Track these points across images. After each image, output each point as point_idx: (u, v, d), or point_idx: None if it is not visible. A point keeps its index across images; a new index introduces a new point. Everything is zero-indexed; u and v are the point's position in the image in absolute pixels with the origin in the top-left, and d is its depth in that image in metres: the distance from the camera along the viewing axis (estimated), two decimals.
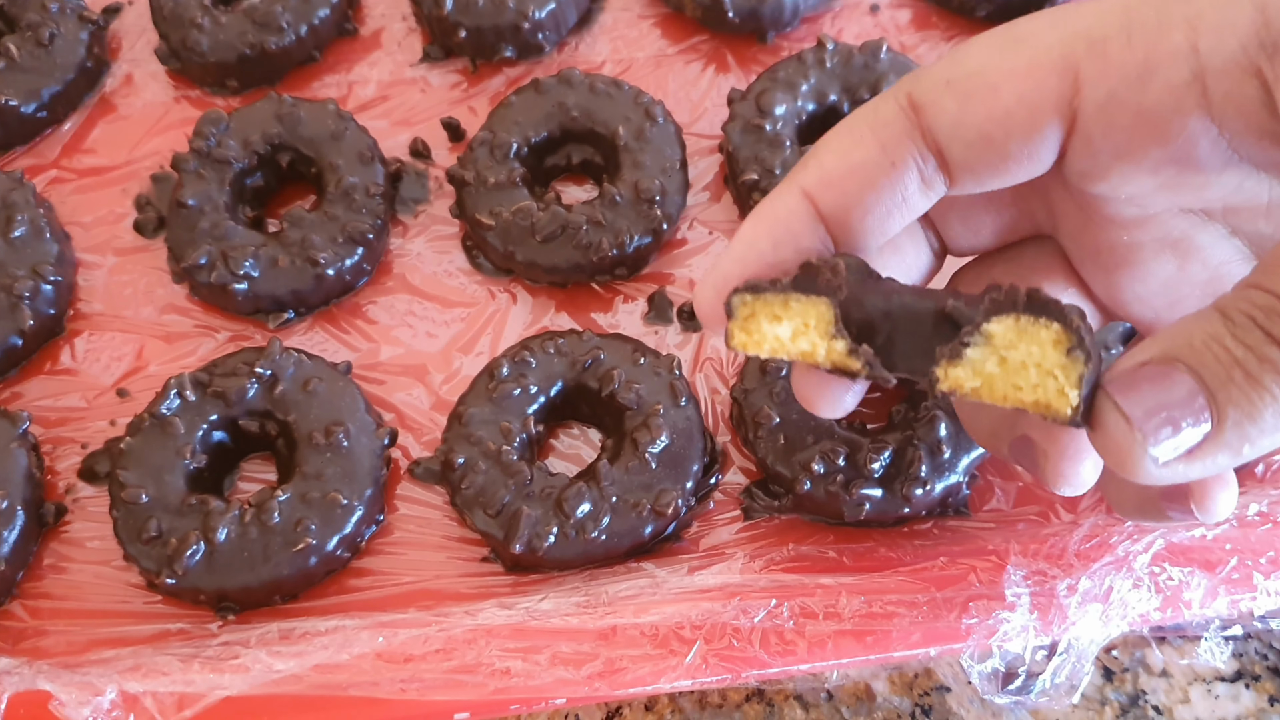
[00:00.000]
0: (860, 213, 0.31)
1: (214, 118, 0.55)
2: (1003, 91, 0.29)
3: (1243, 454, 0.26)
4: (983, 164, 0.30)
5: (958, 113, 0.30)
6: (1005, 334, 0.28)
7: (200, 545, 0.45)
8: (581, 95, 0.56)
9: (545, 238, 0.52)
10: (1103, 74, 0.28)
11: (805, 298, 0.30)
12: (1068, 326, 0.27)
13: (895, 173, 0.31)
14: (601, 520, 0.46)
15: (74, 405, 0.52)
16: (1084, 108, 0.29)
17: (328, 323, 0.54)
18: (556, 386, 0.49)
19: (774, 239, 0.31)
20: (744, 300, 0.30)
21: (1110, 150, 0.29)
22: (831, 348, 0.30)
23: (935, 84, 0.30)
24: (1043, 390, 0.27)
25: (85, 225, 0.56)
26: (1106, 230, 0.33)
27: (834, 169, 0.31)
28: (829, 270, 0.29)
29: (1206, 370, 0.26)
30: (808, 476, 0.46)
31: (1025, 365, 0.27)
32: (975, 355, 0.28)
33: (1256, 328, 0.25)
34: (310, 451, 0.47)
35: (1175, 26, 0.27)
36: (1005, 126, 0.29)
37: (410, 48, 0.61)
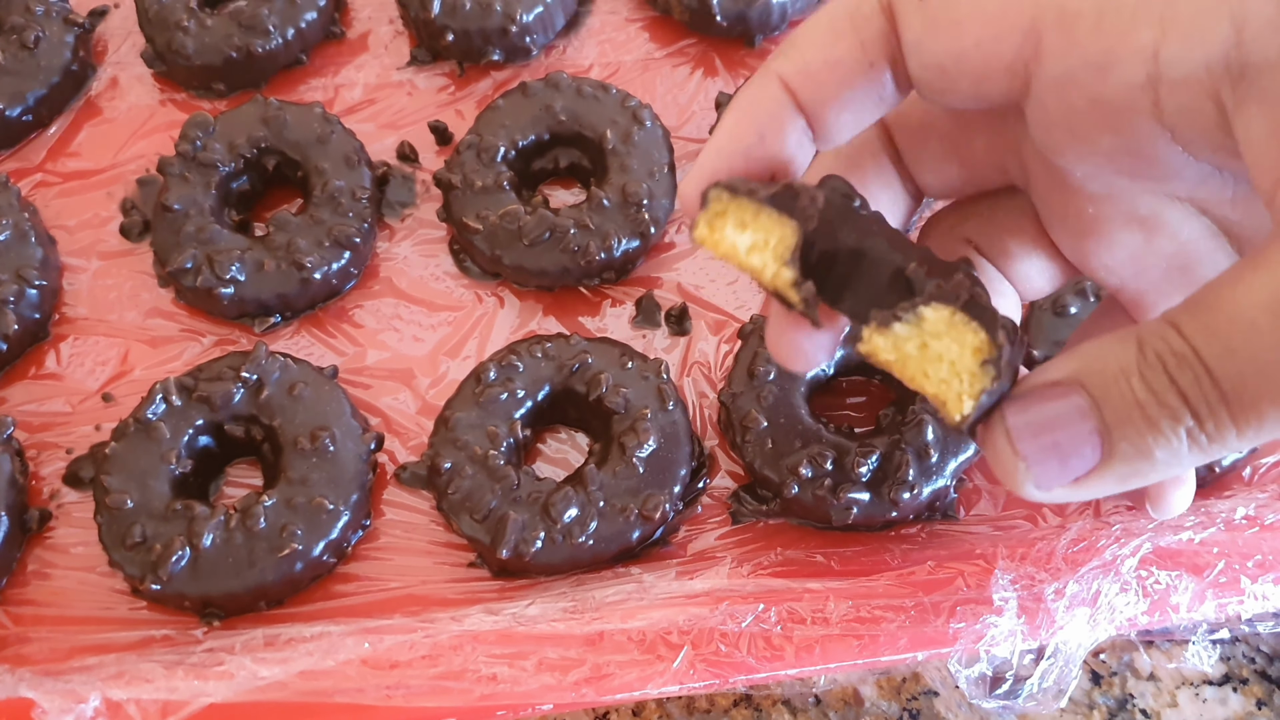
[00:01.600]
0: (837, 108, 0.31)
1: (200, 121, 0.55)
2: (965, 30, 0.29)
3: (1128, 485, 0.27)
4: (934, 88, 0.30)
5: (920, 34, 0.29)
6: (937, 323, 0.28)
7: (185, 551, 0.45)
8: (569, 99, 0.56)
9: (532, 241, 0.52)
10: (1064, 51, 0.28)
11: (776, 215, 0.29)
12: (993, 340, 0.27)
13: (873, 73, 0.30)
14: (589, 525, 0.46)
15: (58, 410, 0.52)
16: (1040, 78, 0.29)
17: (314, 327, 0.54)
18: (544, 391, 0.49)
19: (757, 127, 0.31)
20: (719, 196, 0.30)
21: (1064, 127, 0.29)
22: (780, 272, 0.29)
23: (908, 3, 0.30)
24: (946, 388, 0.28)
25: (70, 229, 0.56)
26: (1074, 198, 0.33)
27: (814, 61, 0.31)
28: (808, 198, 0.29)
29: (1108, 404, 0.26)
30: (795, 480, 0.46)
31: (942, 358, 0.28)
32: (902, 331, 0.28)
33: (1164, 372, 0.26)
34: (296, 456, 0.47)
35: (1146, 23, 0.26)
36: (959, 63, 0.29)
37: (397, 51, 0.61)
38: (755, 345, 0.50)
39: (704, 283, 0.54)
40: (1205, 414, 0.25)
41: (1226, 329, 0.25)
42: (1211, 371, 0.25)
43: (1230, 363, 0.25)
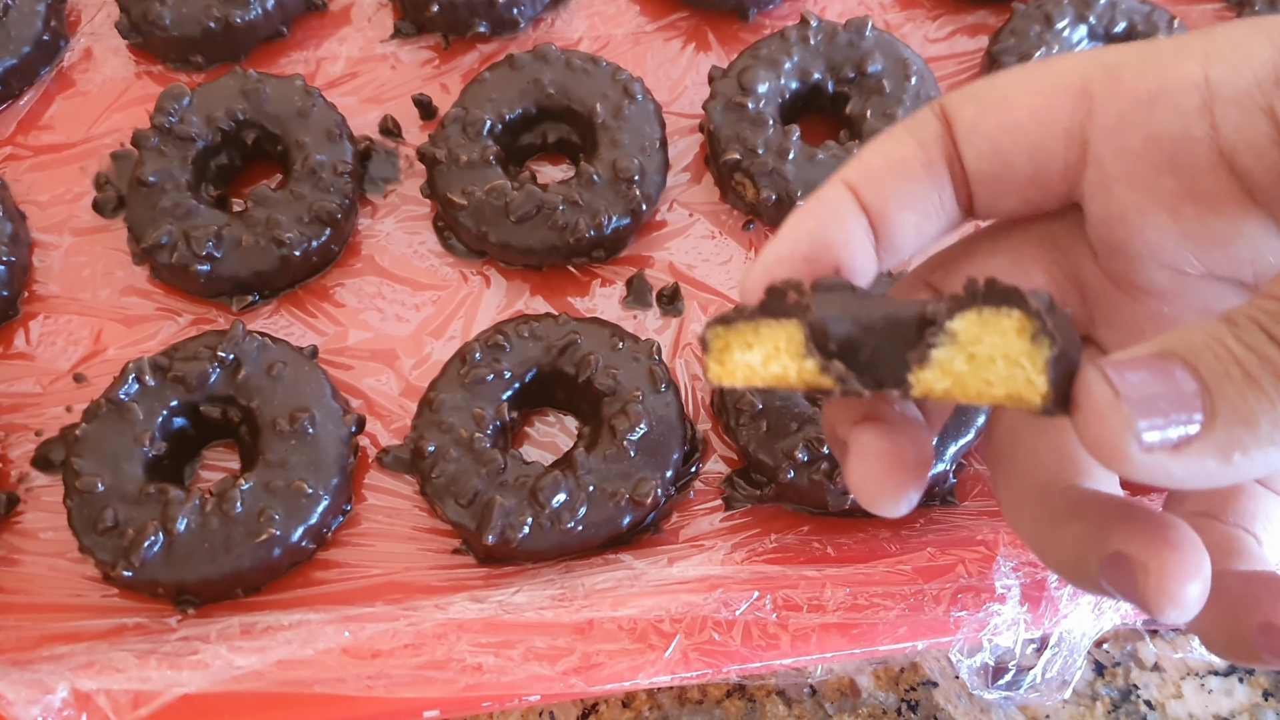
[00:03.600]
0: (898, 208, 0.31)
1: (176, 93, 0.53)
2: (1016, 104, 0.30)
3: (1232, 460, 0.24)
4: (992, 175, 0.31)
5: (974, 119, 0.30)
6: (969, 329, 0.27)
7: (159, 536, 0.43)
8: (558, 72, 0.54)
9: (520, 218, 0.51)
10: (1114, 96, 0.29)
11: (774, 321, 0.29)
12: (1027, 311, 0.26)
13: (932, 170, 0.31)
14: (578, 510, 0.44)
15: (28, 391, 0.50)
16: (1095, 131, 0.29)
17: (293, 306, 0.52)
18: (531, 372, 0.48)
19: (819, 222, 0.31)
20: (717, 333, 0.29)
21: (1124, 180, 0.29)
22: (802, 367, 0.29)
23: (963, 94, 0.31)
24: (1012, 381, 0.26)
25: (41, 204, 0.54)
26: (1144, 303, 0.32)
27: (875, 163, 0.32)
28: (795, 291, 0.28)
29: (1204, 365, 0.24)
30: (791, 465, 0.45)
31: (992, 358, 0.26)
32: (942, 355, 0.27)
33: (1260, 330, 0.24)
34: (274, 439, 0.46)
35: (1190, 56, 0.28)
36: (1015, 137, 0.30)
37: (381, 23, 0.59)
38: None
39: (696, 262, 0.53)
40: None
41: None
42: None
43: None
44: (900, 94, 0.53)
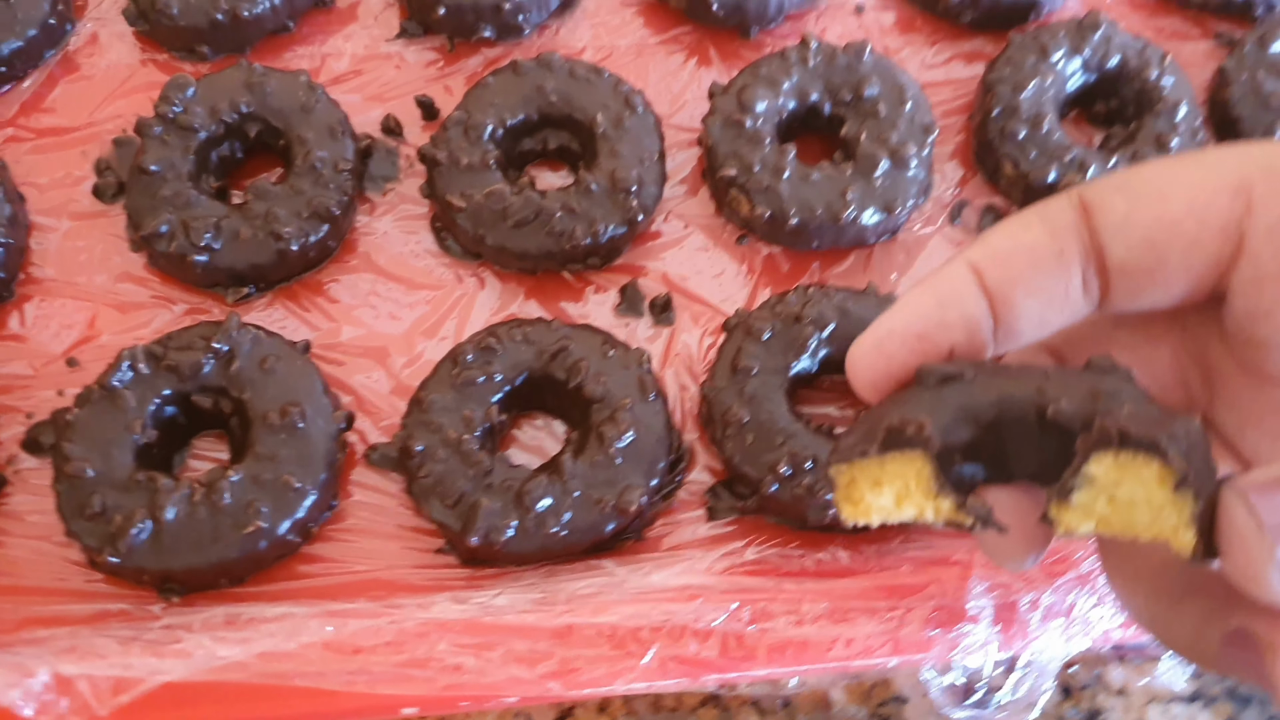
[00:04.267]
0: (1023, 293, 0.31)
1: (181, 82, 0.53)
2: (1173, 199, 0.30)
3: None
4: (1141, 269, 0.30)
5: (1126, 212, 0.30)
6: (1107, 473, 0.27)
7: (146, 524, 0.44)
8: (561, 80, 0.55)
9: (517, 223, 0.51)
10: (1277, 196, 0.29)
11: (898, 456, 0.28)
12: (1168, 464, 0.26)
13: (1061, 260, 0.31)
14: (563, 515, 0.45)
15: (20, 373, 0.50)
16: (1254, 231, 0.29)
17: (288, 299, 0.52)
18: (522, 376, 0.48)
19: (939, 299, 0.31)
20: (838, 470, 0.29)
21: (1276, 278, 0.29)
22: (939, 507, 0.29)
23: (1108, 186, 0.31)
24: (1160, 526, 0.26)
25: (41, 187, 0.55)
26: (1270, 392, 0.32)
27: (1002, 246, 0.31)
28: (914, 426, 0.28)
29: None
30: (774, 478, 0.46)
31: (1134, 502, 0.27)
32: (1083, 499, 0.27)
33: None
34: (264, 431, 0.46)
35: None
36: (1171, 233, 0.30)
37: (387, 22, 0.60)
38: (739, 339, 0.49)
39: (690, 273, 0.54)
40: None
41: None
42: None
43: None
44: (895, 118, 0.53)
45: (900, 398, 0.31)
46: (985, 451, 0.29)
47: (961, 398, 0.29)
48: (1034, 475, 0.29)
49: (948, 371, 0.30)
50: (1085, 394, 0.28)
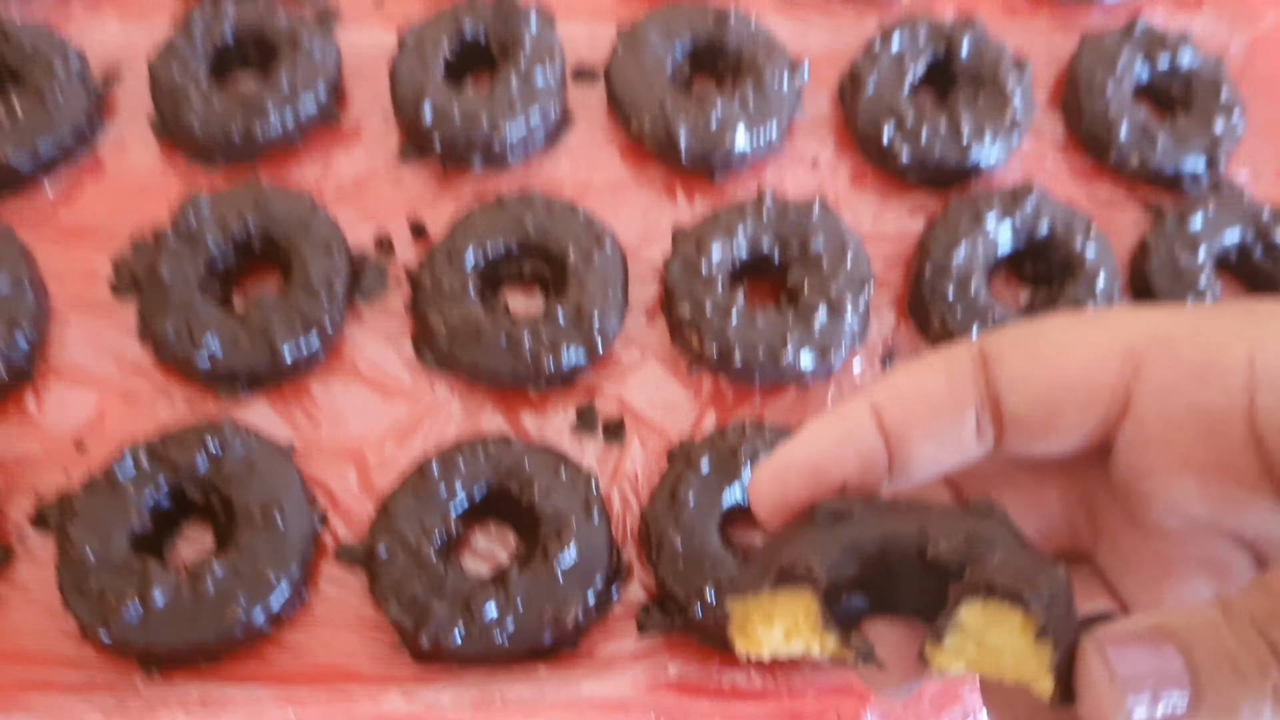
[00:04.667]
0: (919, 436, 0.32)
1: (196, 199, 0.59)
2: (1070, 358, 0.31)
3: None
4: (1034, 422, 0.32)
5: (1022, 368, 0.32)
6: (976, 620, 0.29)
7: (136, 605, 0.49)
8: (540, 215, 0.60)
9: (489, 345, 0.57)
10: (1165, 366, 0.30)
11: (789, 593, 0.30)
12: (1030, 615, 0.28)
13: (957, 407, 0.32)
14: (506, 624, 0.50)
15: (32, 453, 0.56)
16: (1141, 394, 0.31)
17: (277, 399, 0.58)
18: (480, 489, 0.54)
19: (837, 436, 0.32)
20: (733, 605, 0.31)
21: (1160, 442, 0.31)
22: (825, 642, 0.30)
23: (1007, 339, 0.33)
24: (1023, 669, 0.28)
25: (63, 279, 0.60)
26: (1150, 541, 0.34)
27: (903, 390, 0.33)
28: (803, 565, 0.30)
29: (1197, 650, 0.26)
30: (699, 602, 0.51)
31: (1000, 648, 0.29)
32: (954, 641, 0.29)
33: (1251, 625, 0.26)
34: (247, 527, 0.52)
35: (1240, 341, 0.30)
36: (1064, 391, 0.31)
37: (388, 144, 0.66)
38: (680, 468, 0.54)
39: (643, 398, 0.59)
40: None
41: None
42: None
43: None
44: (836, 271, 0.59)
45: (794, 532, 0.32)
46: (871, 585, 0.31)
47: (849, 535, 0.31)
48: (914, 610, 0.31)
49: (838, 509, 0.32)
50: (962, 537, 0.30)
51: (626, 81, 0.65)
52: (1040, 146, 0.69)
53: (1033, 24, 0.74)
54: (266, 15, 0.66)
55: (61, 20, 0.68)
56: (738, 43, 0.67)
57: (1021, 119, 0.66)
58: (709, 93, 0.65)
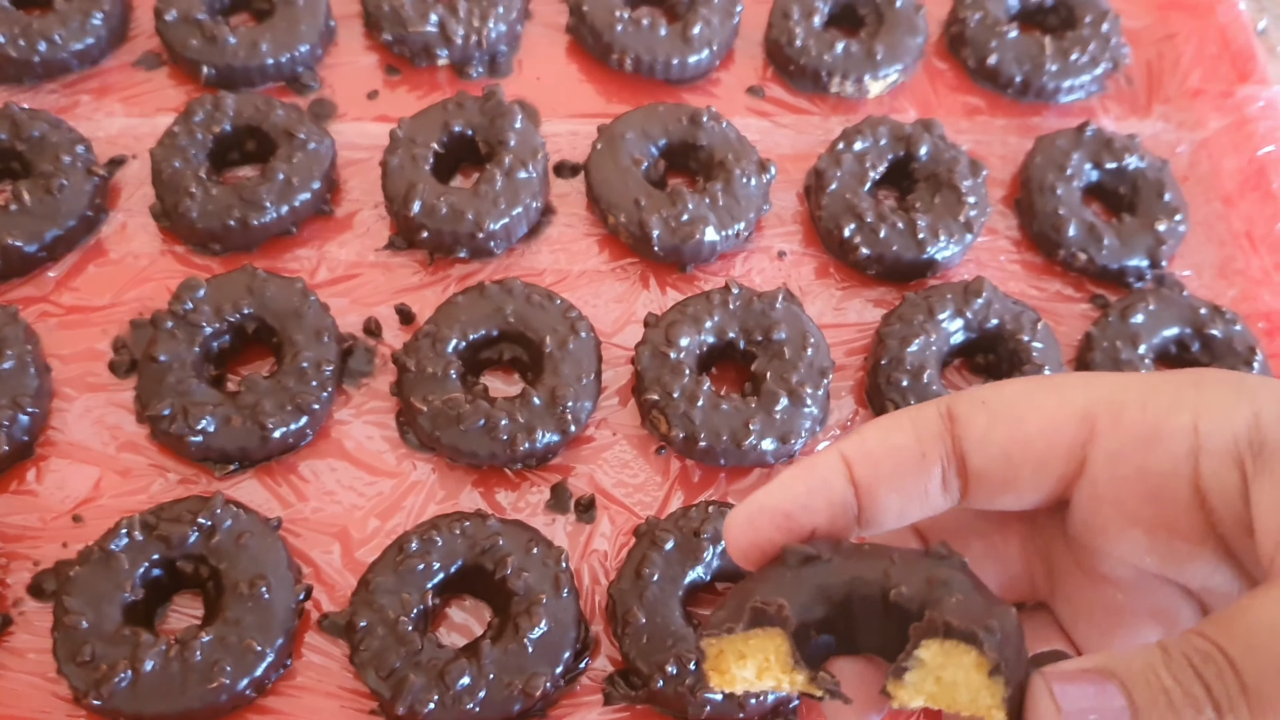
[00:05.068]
0: (887, 489, 0.34)
1: (192, 284, 0.62)
2: (1028, 422, 0.34)
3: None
4: (997, 479, 0.34)
5: (986, 429, 0.34)
6: (934, 658, 0.31)
7: (128, 673, 0.52)
8: (519, 303, 0.64)
9: (468, 427, 0.60)
10: (1116, 431, 0.33)
11: (760, 633, 0.32)
12: (983, 653, 0.30)
13: (924, 463, 0.34)
14: (478, 694, 0.53)
15: (31, 524, 0.59)
16: (1094, 456, 0.33)
17: (267, 476, 0.61)
18: (456, 564, 0.57)
19: (808, 486, 0.34)
20: (708, 644, 0.33)
21: (1112, 501, 0.33)
22: (794, 679, 0.32)
23: (973, 402, 0.35)
24: (978, 704, 0.30)
25: (64, 359, 0.64)
26: (1102, 589, 0.36)
27: (873, 444, 0.34)
28: (774, 607, 0.32)
29: (1136, 689, 0.28)
30: (661, 675, 0.54)
31: (956, 684, 0.30)
32: (914, 678, 0.31)
33: (1190, 667, 0.28)
34: (234, 599, 0.54)
35: (1185, 409, 0.32)
36: (1024, 451, 0.33)
37: (378, 234, 0.69)
38: (645, 547, 0.58)
39: (613, 478, 0.62)
40: (1226, 706, 0.27)
41: (1249, 631, 0.28)
42: (1235, 664, 0.27)
43: (1253, 659, 0.27)
44: (798, 361, 0.63)
45: (765, 574, 0.34)
46: (838, 625, 0.33)
47: (818, 578, 0.33)
48: (877, 648, 0.33)
49: (807, 553, 0.34)
50: (923, 581, 0.32)
51: (604, 179, 0.69)
52: (994, 242, 0.73)
53: (991, 125, 0.78)
54: (264, 109, 0.70)
55: (69, 110, 0.72)
56: (710, 143, 0.71)
57: (976, 218, 0.70)
58: (681, 190, 0.69)
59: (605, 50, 0.76)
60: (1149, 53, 0.83)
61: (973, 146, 0.76)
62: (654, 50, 0.75)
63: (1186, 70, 0.82)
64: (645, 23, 0.76)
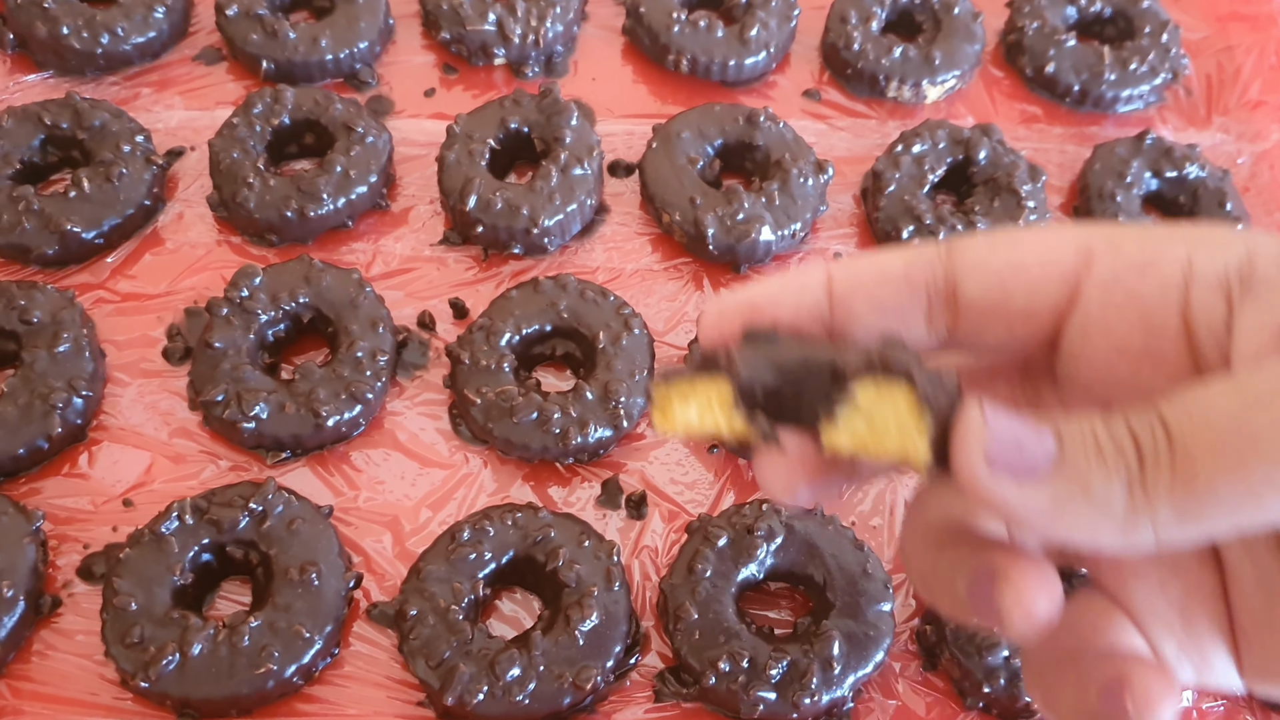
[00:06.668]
0: (863, 304, 0.34)
1: (249, 271, 0.63)
2: (1025, 248, 0.34)
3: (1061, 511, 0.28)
4: (988, 306, 0.34)
5: (984, 255, 0.34)
6: (868, 398, 0.30)
7: (175, 656, 0.51)
8: (573, 299, 0.64)
9: (521, 420, 0.60)
10: (1112, 259, 0.33)
11: (707, 378, 0.32)
12: (912, 382, 0.30)
13: (908, 284, 0.34)
14: (528, 685, 0.52)
15: (83, 508, 0.59)
16: (1088, 284, 0.33)
17: (319, 464, 0.61)
18: (508, 555, 0.56)
19: (784, 286, 0.35)
20: (657, 387, 0.33)
21: (1101, 327, 0.33)
22: (731, 420, 0.32)
23: (974, 236, 0.35)
24: (903, 444, 0.30)
25: (119, 345, 0.64)
26: None
27: (861, 264, 0.35)
28: (724, 354, 0.32)
29: (1068, 436, 0.28)
30: (714, 673, 0.53)
31: (887, 424, 0.30)
32: (845, 417, 0.30)
33: (1125, 426, 0.28)
34: (284, 585, 0.54)
35: (1180, 242, 0.33)
36: (1019, 275, 0.33)
37: (433, 229, 0.69)
38: (698, 543, 0.57)
39: (665, 475, 0.62)
40: (1150, 465, 0.27)
41: (1187, 401, 0.28)
42: (1168, 425, 0.28)
43: (1187, 422, 0.27)
44: None
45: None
46: (785, 400, 0.32)
47: (772, 352, 0.32)
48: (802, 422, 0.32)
49: (766, 331, 0.34)
50: (873, 353, 0.31)
51: (659, 177, 0.69)
52: None
53: (1048, 133, 0.78)
54: (323, 103, 0.70)
55: (129, 102, 0.73)
56: (766, 142, 0.70)
57: (1035, 222, 0.69)
58: (737, 188, 0.68)
59: (662, 51, 0.76)
60: (1208, 64, 0.82)
61: (1030, 154, 0.75)
62: (710, 52, 0.75)
63: (1247, 82, 0.81)
64: (702, 24, 0.76)
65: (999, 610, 0.30)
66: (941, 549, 0.34)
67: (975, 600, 0.31)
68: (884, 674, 0.56)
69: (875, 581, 0.56)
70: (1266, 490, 0.26)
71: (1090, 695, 0.31)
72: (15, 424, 0.58)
